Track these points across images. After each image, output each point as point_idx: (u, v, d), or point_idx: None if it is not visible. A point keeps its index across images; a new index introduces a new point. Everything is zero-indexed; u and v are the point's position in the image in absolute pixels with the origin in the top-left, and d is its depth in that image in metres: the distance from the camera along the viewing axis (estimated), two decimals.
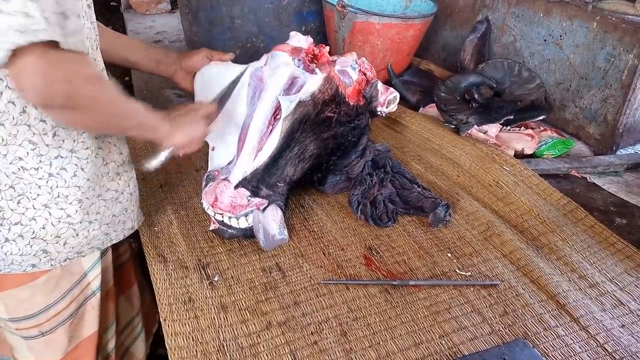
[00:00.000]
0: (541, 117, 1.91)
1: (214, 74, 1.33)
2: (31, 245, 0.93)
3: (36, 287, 1.00)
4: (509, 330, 1.03)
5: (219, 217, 1.20)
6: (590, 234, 1.32)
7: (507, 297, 1.11)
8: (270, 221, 1.20)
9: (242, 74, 1.30)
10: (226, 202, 1.18)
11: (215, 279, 1.13)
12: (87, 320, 1.12)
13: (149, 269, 1.16)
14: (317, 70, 1.27)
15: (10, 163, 0.86)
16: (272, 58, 1.31)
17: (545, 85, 1.97)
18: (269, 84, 1.26)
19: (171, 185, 1.46)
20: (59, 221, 0.94)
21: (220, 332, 1.00)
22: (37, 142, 0.86)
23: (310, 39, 1.39)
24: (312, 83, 1.24)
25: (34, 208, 0.90)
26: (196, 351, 0.95)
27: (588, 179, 1.68)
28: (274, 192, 1.23)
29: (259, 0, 2.31)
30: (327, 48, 1.46)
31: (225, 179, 1.20)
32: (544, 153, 1.78)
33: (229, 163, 1.26)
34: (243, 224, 1.19)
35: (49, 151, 0.88)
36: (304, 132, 1.26)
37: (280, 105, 1.22)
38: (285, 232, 1.23)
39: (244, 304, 1.07)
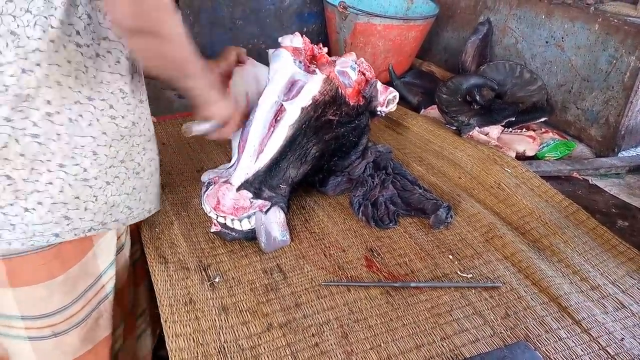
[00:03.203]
0: (543, 119, 1.91)
1: (247, 75, 1.34)
2: (52, 212, 0.91)
3: (54, 285, 0.98)
4: (510, 333, 1.02)
5: (221, 220, 1.19)
6: (592, 236, 1.32)
7: (509, 300, 1.11)
8: (273, 223, 1.20)
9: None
10: (228, 204, 1.17)
11: (216, 280, 1.12)
12: (101, 325, 1.11)
13: (150, 270, 1.15)
14: (317, 70, 1.27)
15: (36, 108, 0.84)
16: (273, 57, 1.31)
17: (547, 87, 1.97)
18: (267, 88, 1.26)
19: (172, 186, 1.46)
20: (76, 179, 0.92)
21: (221, 334, 0.99)
22: (62, 84, 0.85)
23: (297, 35, 1.40)
24: (313, 85, 1.24)
25: (49, 171, 0.88)
26: (197, 353, 0.95)
27: (590, 181, 1.67)
28: (277, 194, 1.23)
29: (260, 1, 2.33)
30: (325, 48, 1.46)
31: (227, 182, 1.20)
32: (546, 155, 1.77)
33: (230, 167, 1.26)
34: (246, 226, 1.19)
35: (71, 94, 0.87)
36: (306, 136, 1.25)
37: (282, 108, 1.22)
38: (287, 234, 1.23)
39: (245, 305, 1.06)
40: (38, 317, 0.99)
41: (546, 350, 0.99)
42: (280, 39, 1.39)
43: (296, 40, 1.37)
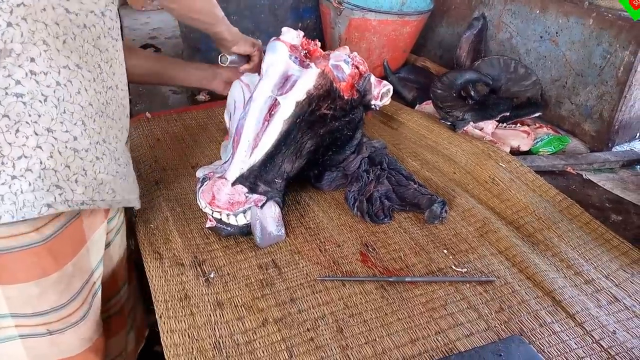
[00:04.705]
0: (537, 114, 1.91)
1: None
2: (42, 179, 0.86)
3: (47, 283, 0.95)
4: (505, 327, 1.03)
5: (216, 215, 1.19)
6: (586, 231, 1.33)
7: (503, 294, 1.11)
8: (268, 218, 1.19)
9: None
10: (224, 199, 1.17)
11: (211, 275, 1.12)
12: (98, 322, 1.09)
13: (145, 266, 1.15)
14: (312, 64, 1.27)
15: (20, 66, 0.82)
16: (268, 49, 1.31)
17: (541, 82, 1.98)
18: (261, 82, 1.25)
19: (167, 182, 1.46)
20: (66, 147, 0.89)
21: (216, 329, 0.99)
22: (50, 44, 0.84)
23: (301, 34, 1.39)
24: (307, 78, 1.23)
25: (36, 134, 0.85)
26: (192, 348, 0.95)
27: (584, 175, 1.68)
28: (272, 188, 1.23)
29: None
30: (318, 42, 1.45)
31: (222, 177, 1.20)
32: (540, 150, 1.78)
33: (225, 163, 1.26)
34: (241, 221, 1.19)
35: (59, 57, 0.86)
36: (301, 130, 1.25)
37: (276, 102, 1.22)
38: (283, 229, 1.23)
39: (240, 300, 1.07)
40: (30, 315, 0.96)
41: (540, 343, 0.99)
42: (284, 30, 1.38)
43: (298, 39, 1.37)
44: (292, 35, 1.36)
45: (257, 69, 1.50)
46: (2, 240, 0.88)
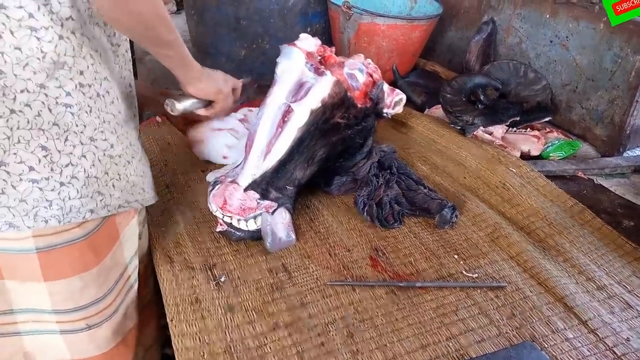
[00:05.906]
0: (547, 119, 1.90)
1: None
2: (87, 186, 0.92)
3: (90, 277, 0.99)
4: (516, 333, 1.02)
5: (227, 220, 1.19)
6: (597, 236, 1.32)
7: (515, 299, 1.10)
8: (279, 224, 1.20)
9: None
10: (235, 204, 1.17)
11: (222, 279, 1.12)
12: (129, 315, 1.12)
13: (156, 270, 1.16)
14: (327, 72, 1.26)
15: (71, 79, 0.86)
16: (283, 54, 1.31)
17: (552, 87, 1.97)
18: (275, 88, 1.26)
19: (177, 185, 1.46)
20: (104, 154, 0.94)
21: (227, 333, 1.00)
22: (95, 58, 0.89)
23: (318, 42, 1.39)
24: (323, 87, 1.23)
25: (82, 143, 0.90)
26: (203, 352, 0.95)
27: (595, 180, 1.67)
28: (283, 195, 1.23)
29: (264, 1, 2.32)
30: (333, 49, 1.45)
31: (234, 182, 1.20)
32: (551, 154, 1.77)
33: (237, 166, 1.26)
34: (252, 226, 1.19)
35: (101, 70, 0.91)
36: (314, 138, 1.25)
37: (290, 109, 1.22)
38: (293, 235, 1.23)
39: (250, 304, 1.07)
40: (72, 311, 1.00)
41: (552, 350, 0.98)
42: (302, 36, 1.37)
43: (315, 47, 1.37)
44: (310, 43, 1.36)
45: (220, 114, 1.29)
46: (50, 237, 0.92)
